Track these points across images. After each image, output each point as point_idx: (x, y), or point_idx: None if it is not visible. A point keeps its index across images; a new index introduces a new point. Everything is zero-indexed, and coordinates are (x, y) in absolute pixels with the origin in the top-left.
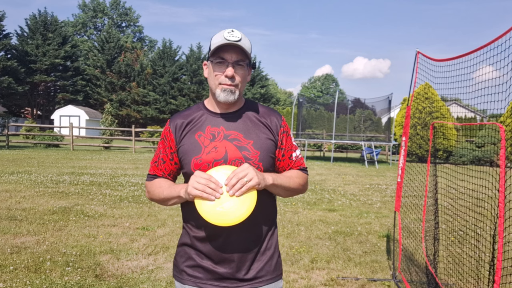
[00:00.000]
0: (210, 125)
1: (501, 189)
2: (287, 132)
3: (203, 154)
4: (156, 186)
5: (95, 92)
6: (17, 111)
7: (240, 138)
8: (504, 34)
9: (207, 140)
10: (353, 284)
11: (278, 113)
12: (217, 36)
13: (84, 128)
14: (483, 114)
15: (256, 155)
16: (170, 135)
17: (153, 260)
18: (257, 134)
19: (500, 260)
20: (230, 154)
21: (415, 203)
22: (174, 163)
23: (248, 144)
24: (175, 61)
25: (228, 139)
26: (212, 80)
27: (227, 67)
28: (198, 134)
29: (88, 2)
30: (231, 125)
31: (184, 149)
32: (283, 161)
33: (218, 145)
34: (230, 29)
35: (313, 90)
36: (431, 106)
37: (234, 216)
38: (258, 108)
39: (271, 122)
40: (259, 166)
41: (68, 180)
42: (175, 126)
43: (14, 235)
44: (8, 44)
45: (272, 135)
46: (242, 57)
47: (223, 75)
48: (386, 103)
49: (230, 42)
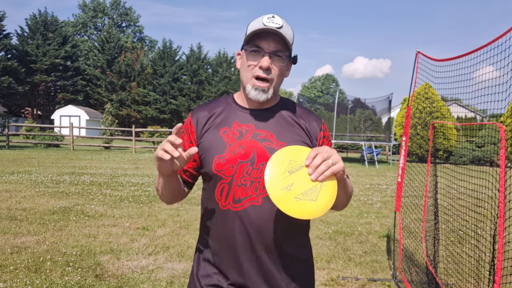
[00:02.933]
0: (238, 120)
1: (501, 189)
2: (328, 137)
3: (227, 153)
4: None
5: (95, 92)
6: (17, 111)
7: (271, 139)
8: (504, 34)
9: (233, 137)
10: (353, 284)
11: (318, 115)
12: (255, 22)
13: (84, 128)
14: (483, 114)
15: None
16: (191, 127)
17: (153, 260)
18: (291, 136)
19: (500, 260)
20: (258, 156)
21: (415, 203)
22: (192, 160)
23: (280, 146)
24: (175, 61)
25: (257, 138)
26: (244, 71)
27: (263, 57)
28: (224, 130)
29: (88, 2)
30: (262, 123)
31: (206, 146)
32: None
33: (245, 144)
34: (271, 14)
35: (313, 90)
36: (431, 106)
37: (318, 206)
38: (295, 108)
39: (310, 124)
40: None
41: (68, 180)
42: (197, 118)
43: (14, 235)
44: (8, 44)
45: (309, 139)
46: (281, 47)
47: (257, 66)
48: (386, 103)
49: (269, 28)
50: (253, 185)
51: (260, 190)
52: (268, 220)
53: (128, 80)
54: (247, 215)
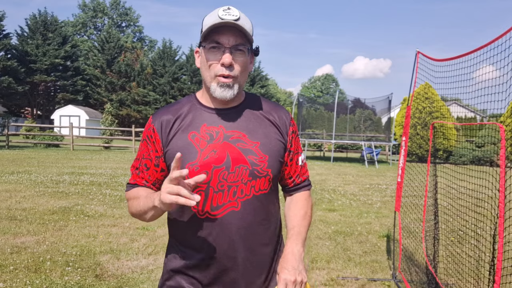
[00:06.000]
0: (206, 122)
1: (501, 189)
2: (296, 132)
3: (199, 159)
4: (132, 196)
5: (95, 92)
6: (17, 111)
7: (243, 139)
8: (504, 34)
9: (204, 141)
10: (353, 284)
11: (285, 109)
12: (210, 15)
13: (84, 128)
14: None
15: (264, 159)
16: (154, 135)
17: (153, 260)
18: (264, 133)
19: (500, 260)
20: (233, 159)
21: (415, 203)
22: (160, 170)
23: (255, 146)
24: (175, 61)
25: (229, 140)
26: (206, 71)
27: (224, 53)
28: (192, 134)
29: (88, 2)
30: (232, 123)
31: (175, 153)
32: (291, 166)
33: (217, 148)
34: (226, 6)
35: (313, 90)
36: (431, 106)
37: None
38: (262, 103)
39: (280, 119)
40: (267, 174)
41: (68, 180)
42: (160, 124)
43: (14, 235)
44: (8, 44)
45: (281, 135)
46: (242, 40)
47: (218, 63)
48: (386, 103)
49: (227, 21)
50: (231, 190)
51: (239, 194)
52: (250, 224)
53: (128, 80)
54: (227, 221)
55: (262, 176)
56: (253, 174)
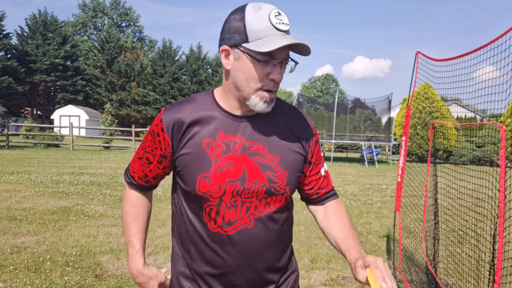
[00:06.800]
0: (223, 130)
1: (501, 189)
2: (318, 141)
3: (213, 171)
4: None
5: (95, 92)
6: (17, 111)
7: (263, 153)
8: (504, 34)
9: (219, 151)
10: (353, 284)
11: (308, 117)
12: (258, 17)
13: (84, 128)
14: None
15: (283, 176)
16: (164, 135)
17: (153, 260)
18: (285, 147)
19: (500, 260)
20: (250, 174)
21: (415, 203)
22: (162, 168)
23: (274, 161)
24: (175, 61)
25: (247, 152)
26: (247, 81)
27: (274, 67)
28: (207, 141)
29: (88, 2)
30: (252, 133)
31: (187, 161)
32: (311, 177)
33: (234, 160)
34: (275, 9)
35: (313, 90)
36: (431, 106)
37: None
38: (286, 110)
39: (304, 130)
40: (285, 191)
41: (68, 180)
42: (172, 125)
43: (14, 235)
44: (8, 44)
45: (302, 147)
46: (287, 51)
47: (267, 78)
48: (386, 103)
49: (283, 34)
50: (244, 205)
51: (252, 211)
52: (262, 241)
53: (128, 80)
54: (240, 238)
55: (279, 194)
56: (269, 192)
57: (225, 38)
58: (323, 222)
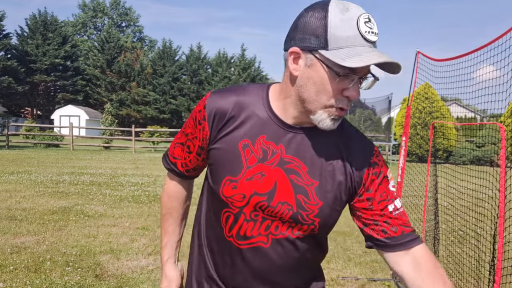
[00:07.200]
0: (265, 135)
1: (502, 189)
2: (380, 173)
3: (241, 177)
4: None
5: (95, 92)
6: (17, 111)
7: (302, 173)
8: (505, 34)
9: (254, 157)
10: (353, 284)
11: (370, 143)
12: (345, 20)
13: (84, 128)
14: (483, 114)
15: (316, 206)
16: (204, 124)
17: (153, 260)
18: (329, 172)
19: (500, 260)
20: (279, 193)
21: (415, 203)
22: (202, 160)
23: (311, 186)
24: (175, 61)
25: (284, 167)
26: (317, 93)
27: (351, 82)
28: (244, 142)
29: (88, 2)
30: (296, 147)
31: (217, 157)
32: (369, 212)
33: (267, 172)
34: (365, 13)
35: None
36: (431, 106)
37: None
38: (344, 129)
39: (359, 157)
40: (313, 223)
41: (68, 180)
42: (214, 114)
43: (14, 235)
44: (8, 44)
45: (349, 179)
46: (370, 66)
47: (341, 94)
48: (386, 103)
49: (370, 45)
50: (264, 222)
51: (272, 230)
52: (277, 265)
53: (128, 80)
54: (251, 256)
55: (305, 224)
56: (295, 218)
57: (296, 38)
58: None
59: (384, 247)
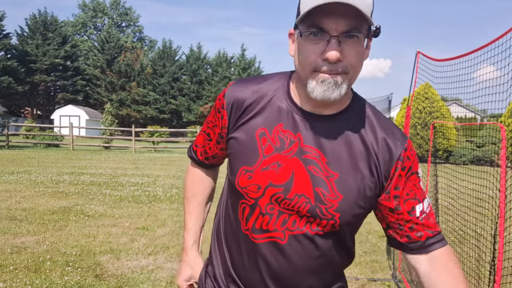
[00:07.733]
0: (283, 123)
1: (502, 189)
2: (410, 169)
3: (257, 167)
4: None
5: (95, 92)
6: (17, 111)
7: (320, 164)
8: (505, 34)
9: (271, 146)
10: (353, 284)
11: (402, 135)
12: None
13: (84, 128)
14: (483, 114)
15: (336, 200)
16: (223, 112)
17: (153, 260)
18: (351, 164)
19: (501, 260)
20: (297, 184)
21: None
22: (220, 149)
23: (331, 177)
24: (175, 61)
25: (301, 157)
26: (300, 63)
27: (328, 43)
28: (261, 131)
29: (88, 2)
30: (315, 137)
31: (234, 146)
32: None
33: (284, 162)
34: None
35: None
36: (431, 106)
37: None
38: (371, 118)
39: (382, 151)
40: (333, 218)
41: (68, 180)
42: (232, 103)
43: (14, 235)
44: (8, 44)
45: (374, 172)
46: (356, 22)
47: (320, 57)
48: (386, 103)
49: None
50: (281, 217)
51: (289, 225)
52: (293, 264)
53: (128, 80)
54: (266, 252)
55: (324, 218)
56: (313, 212)
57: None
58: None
59: (406, 249)
